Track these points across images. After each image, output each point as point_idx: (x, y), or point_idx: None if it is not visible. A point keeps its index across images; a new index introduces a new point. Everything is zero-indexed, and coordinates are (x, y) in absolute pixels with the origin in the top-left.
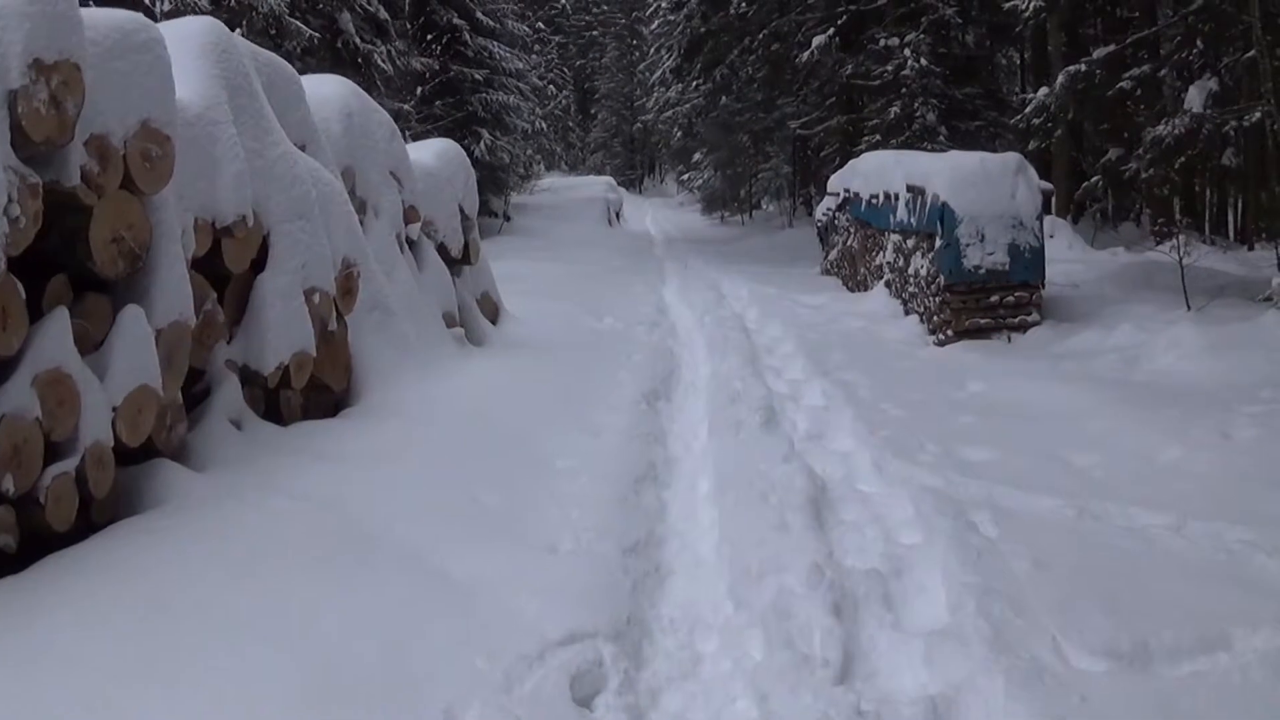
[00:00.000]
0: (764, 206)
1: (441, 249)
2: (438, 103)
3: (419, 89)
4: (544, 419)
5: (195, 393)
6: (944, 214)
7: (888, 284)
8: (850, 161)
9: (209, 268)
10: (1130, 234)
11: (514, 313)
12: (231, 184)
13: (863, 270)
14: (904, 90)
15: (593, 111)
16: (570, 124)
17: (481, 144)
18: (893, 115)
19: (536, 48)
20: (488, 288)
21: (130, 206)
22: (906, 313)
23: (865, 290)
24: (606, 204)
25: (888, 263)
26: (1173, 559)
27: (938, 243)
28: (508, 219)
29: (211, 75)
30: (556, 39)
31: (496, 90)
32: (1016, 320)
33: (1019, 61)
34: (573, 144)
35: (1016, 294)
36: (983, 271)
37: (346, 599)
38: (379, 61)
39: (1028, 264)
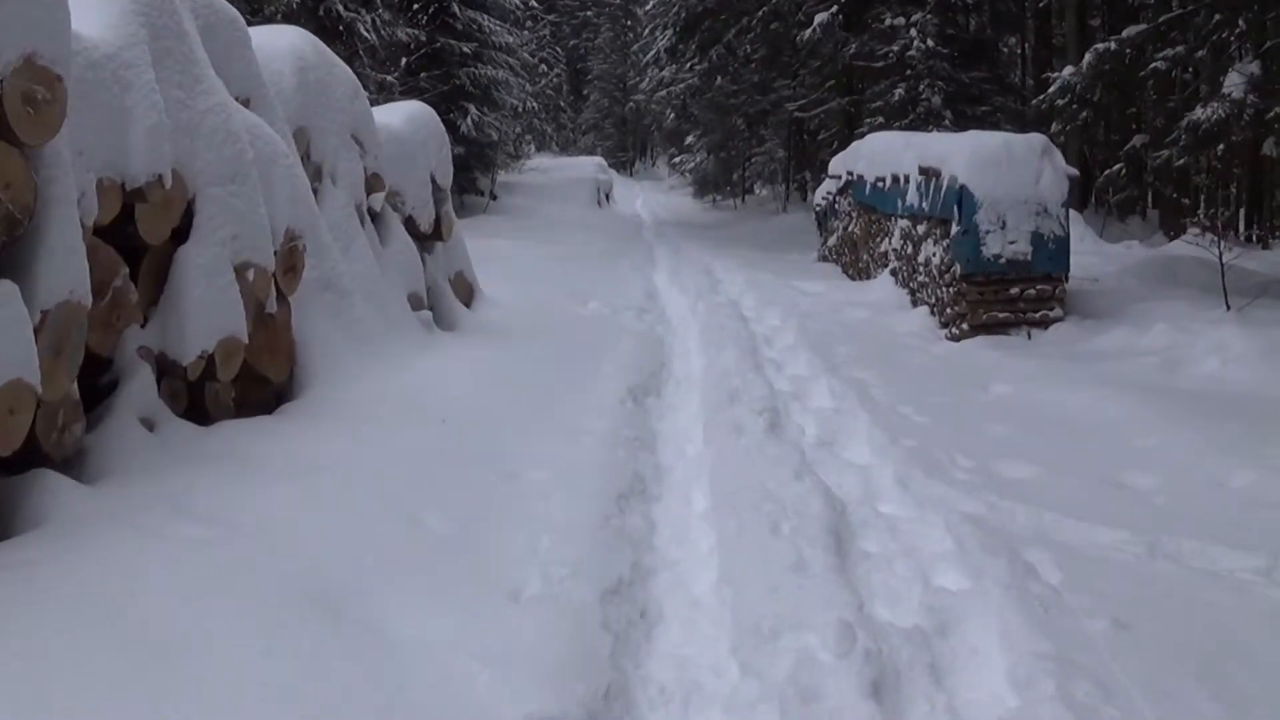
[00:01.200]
0: (757, 191)
1: (410, 223)
2: (423, 75)
3: (404, 60)
4: (515, 420)
5: (102, 385)
6: (962, 198)
7: (894, 272)
8: (854, 143)
9: (120, 238)
10: (1138, 228)
11: (491, 295)
12: (146, 139)
13: (865, 257)
14: (909, 72)
15: (585, 93)
16: (562, 104)
17: (468, 119)
18: (897, 97)
19: (528, 24)
20: (462, 267)
21: (7, 161)
22: (915, 303)
23: (868, 278)
24: (596, 185)
25: (894, 250)
26: (1275, 615)
27: (954, 229)
28: (494, 198)
29: (129, 11)
30: (550, 17)
31: (485, 65)
32: (1038, 315)
33: (1020, 51)
34: (564, 124)
35: (1039, 286)
36: (1003, 261)
37: (241, 668)
38: (362, 30)
39: (1052, 254)
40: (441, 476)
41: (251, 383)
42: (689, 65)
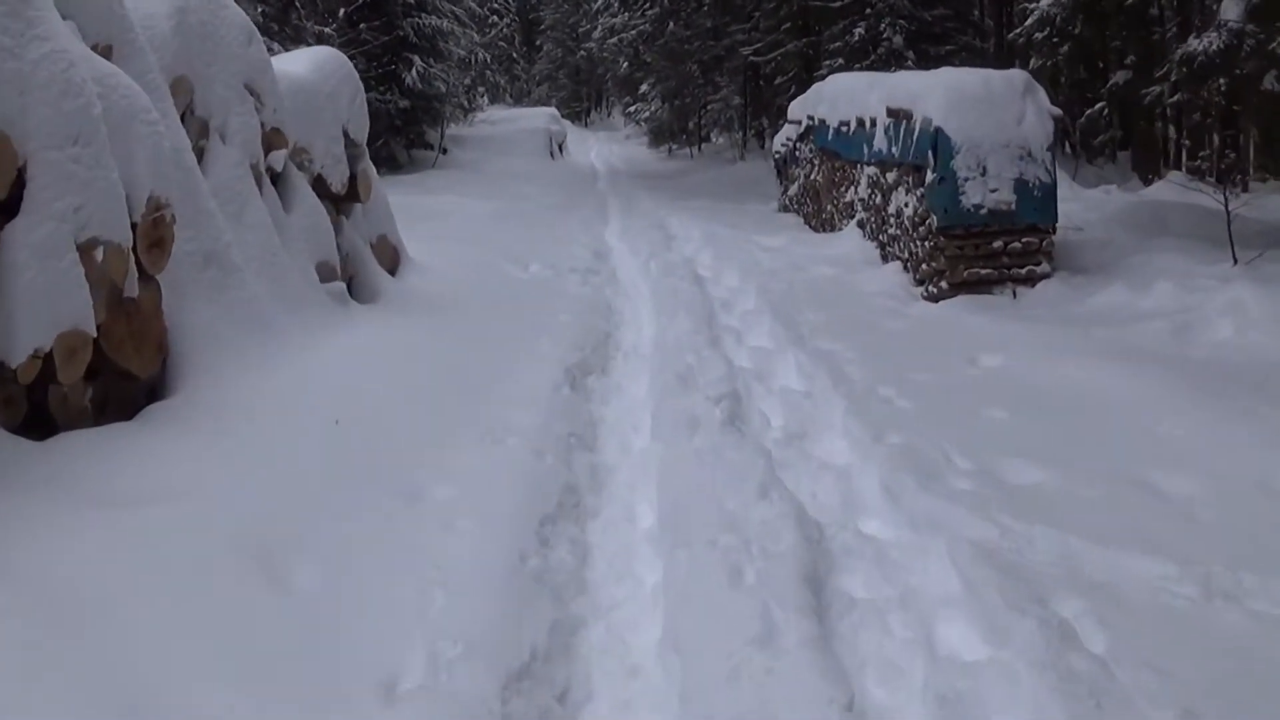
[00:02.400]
0: (713, 139)
1: (319, 183)
2: (363, 26)
3: (342, 10)
4: (427, 416)
5: None
6: (937, 141)
7: (860, 224)
8: (814, 85)
9: None
10: (1111, 172)
11: (421, 260)
12: None
13: (829, 208)
14: (868, 10)
15: (538, 43)
16: (515, 55)
17: (413, 71)
18: (857, 37)
19: None
20: (385, 230)
21: None
22: (885, 258)
23: (833, 230)
24: (549, 136)
25: (861, 199)
26: None
27: (929, 176)
28: (444, 152)
29: None
30: None
31: (430, 14)
32: (1024, 271)
33: None
34: (517, 76)
35: (1024, 239)
36: (984, 212)
37: None
38: None
39: (1038, 203)
40: (320, 502)
41: (116, 380)
42: (641, 11)
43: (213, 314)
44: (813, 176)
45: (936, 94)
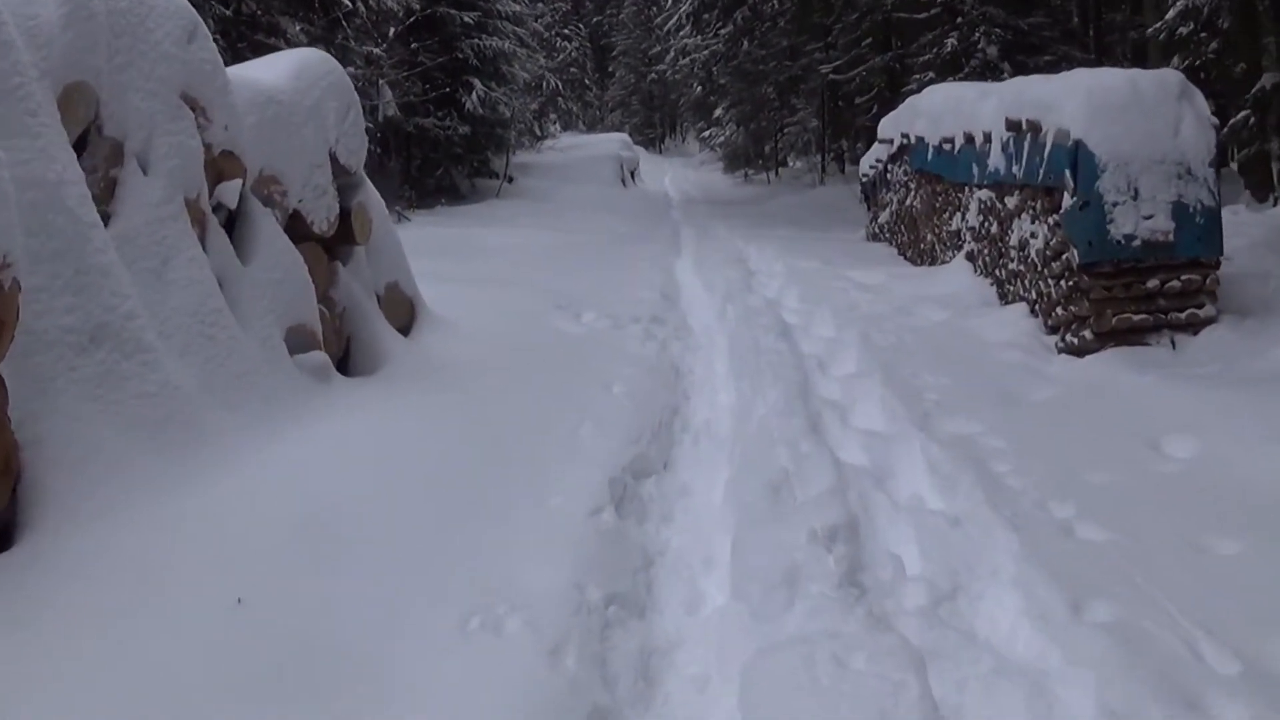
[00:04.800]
0: (790, 164)
1: (297, 222)
2: (414, 44)
3: (392, 30)
4: (393, 577)
5: None
6: (1078, 158)
7: (970, 257)
8: (909, 99)
9: None
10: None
11: (447, 313)
12: None
13: (929, 237)
14: (959, 20)
15: (610, 69)
16: (587, 82)
17: (473, 95)
18: (949, 49)
19: None
20: (397, 276)
21: None
22: (1004, 298)
23: (934, 263)
24: (620, 163)
25: (970, 228)
26: None
27: (1066, 201)
28: (510, 180)
29: None
30: None
31: (491, 35)
32: (1184, 315)
33: None
34: (590, 103)
35: (1184, 276)
36: (1137, 243)
37: None
38: None
39: (1201, 232)
40: None
41: None
42: (714, 31)
43: (99, 417)
44: (908, 202)
45: (1075, 100)
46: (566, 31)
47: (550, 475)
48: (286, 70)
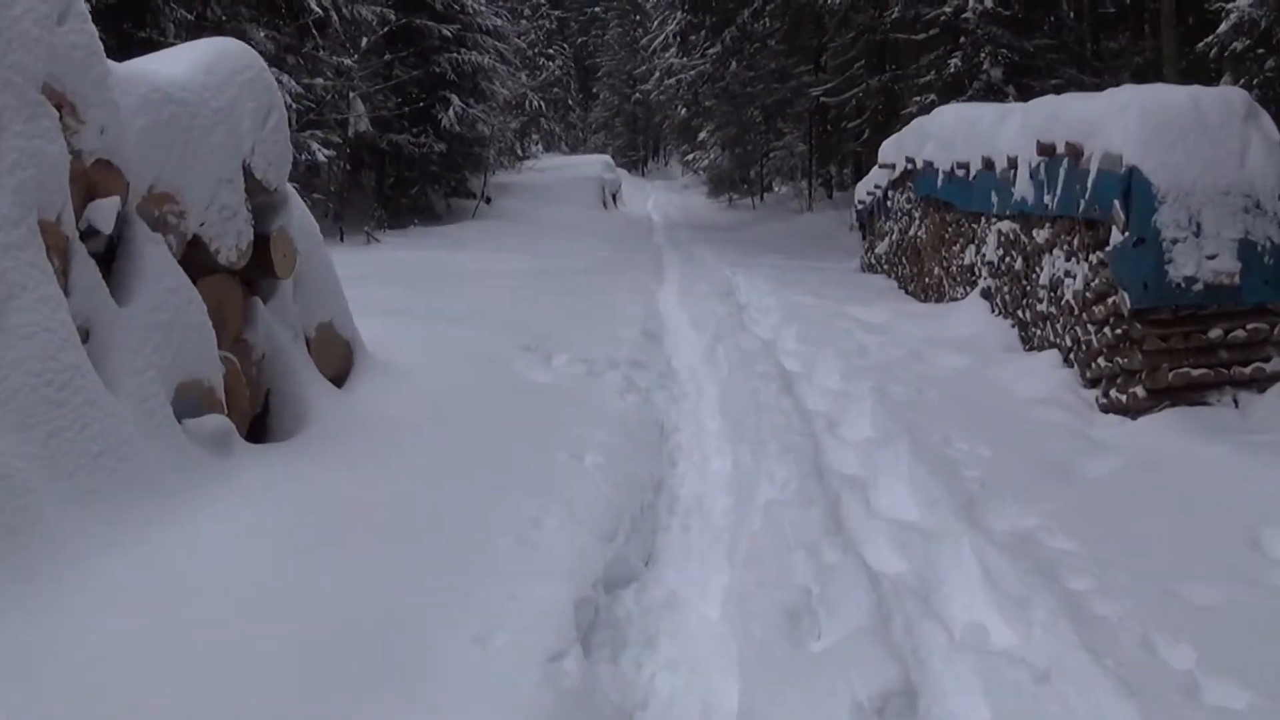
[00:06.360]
0: (776, 189)
1: (198, 250)
2: (388, 55)
3: (365, 40)
4: None
5: None
6: (1130, 187)
7: (986, 294)
8: (915, 121)
9: None
10: None
11: (393, 356)
12: None
13: (937, 270)
14: (962, 39)
15: (594, 90)
16: (571, 103)
17: (451, 111)
18: (952, 69)
19: (526, 12)
20: (331, 315)
21: None
22: (1029, 343)
23: (942, 299)
24: (602, 185)
25: (988, 263)
26: None
27: (1115, 237)
28: (488, 200)
29: None
30: (556, 13)
31: (470, 49)
32: (1248, 370)
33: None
34: (573, 124)
35: (1249, 325)
36: (1199, 287)
37: None
38: (314, 5)
39: (1270, 273)
40: None
41: None
42: (700, 51)
43: None
44: (912, 232)
45: (1127, 119)
46: (550, 51)
47: (497, 598)
48: (194, 63)
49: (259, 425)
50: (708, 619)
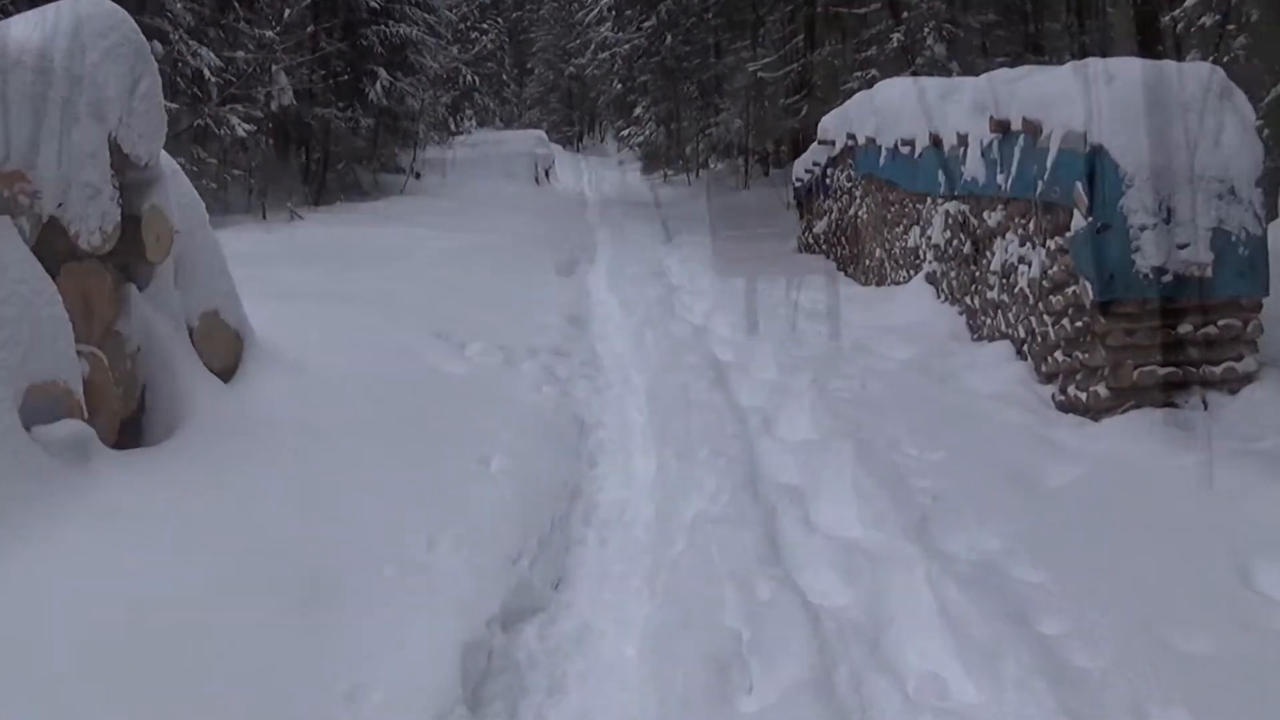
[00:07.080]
0: (712, 166)
1: (53, 233)
2: (312, 27)
3: (287, 11)
4: None
5: None
6: (1094, 168)
7: (931, 278)
8: (859, 95)
9: None
10: None
11: (291, 346)
12: None
13: (878, 252)
14: (905, 15)
15: (529, 66)
16: (505, 78)
17: (378, 85)
18: (895, 44)
19: None
20: (218, 304)
21: None
22: (977, 331)
23: (883, 282)
24: (534, 160)
25: (934, 245)
26: None
27: (1077, 222)
28: (417, 176)
29: None
30: None
31: (398, 21)
32: (1219, 369)
33: None
34: (507, 99)
35: (1221, 321)
36: (1169, 278)
37: None
38: None
39: (1244, 265)
40: None
41: None
42: (635, 24)
43: None
44: (852, 211)
45: (1091, 95)
46: (484, 25)
47: (377, 644)
48: (52, 25)
49: (133, 428)
50: (624, 657)
